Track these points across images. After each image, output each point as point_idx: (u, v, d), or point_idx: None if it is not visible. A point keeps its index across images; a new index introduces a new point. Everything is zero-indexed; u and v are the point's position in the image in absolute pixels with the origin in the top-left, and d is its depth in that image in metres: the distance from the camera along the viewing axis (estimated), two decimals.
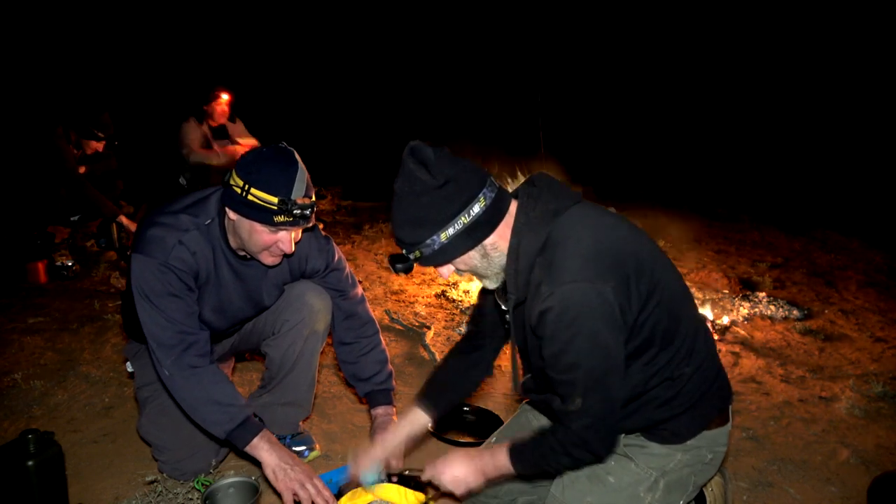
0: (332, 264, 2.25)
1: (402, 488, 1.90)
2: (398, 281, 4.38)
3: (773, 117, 9.07)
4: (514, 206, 1.53)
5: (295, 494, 1.88)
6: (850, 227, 6.02)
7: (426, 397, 1.93)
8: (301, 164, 1.87)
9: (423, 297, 4.11)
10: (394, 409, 2.28)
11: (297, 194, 1.83)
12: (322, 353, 2.38)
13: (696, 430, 1.63)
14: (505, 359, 2.70)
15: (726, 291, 4.34)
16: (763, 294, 4.24)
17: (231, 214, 1.91)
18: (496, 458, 1.63)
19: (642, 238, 1.56)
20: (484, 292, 1.83)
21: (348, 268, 2.32)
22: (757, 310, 4.01)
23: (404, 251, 1.50)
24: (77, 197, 4.44)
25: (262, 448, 1.92)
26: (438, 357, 3.24)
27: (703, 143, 8.46)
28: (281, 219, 1.83)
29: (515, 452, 1.60)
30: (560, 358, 1.45)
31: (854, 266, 5.03)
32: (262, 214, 1.83)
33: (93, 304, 3.85)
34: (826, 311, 4.05)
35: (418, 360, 3.28)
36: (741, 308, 4.02)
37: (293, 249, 1.95)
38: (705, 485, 1.79)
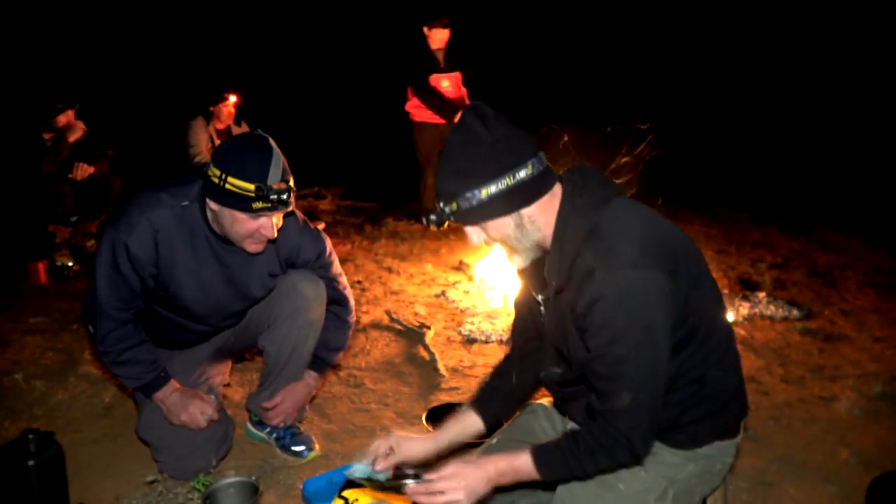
0: (324, 255, 2.30)
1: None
2: (398, 281, 4.38)
3: (772, 116, 9.07)
4: (558, 188, 1.50)
5: (191, 421, 2.14)
6: (850, 227, 6.01)
7: (479, 402, 1.79)
8: (276, 150, 1.91)
9: (423, 297, 4.11)
10: (321, 381, 2.52)
11: (274, 179, 1.86)
12: None
13: (713, 437, 1.60)
14: None
15: (726, 291, 4.33)
16: (763, 294, 4.23)
17: (212, 205, 1.94)
18: (515, 463, 1.52)
19: (684, 232, 1.56)
20: (521, 296, 1.77)
21: (335, 256, 2.38)
22: (757, 310, 4.01)
23: (441, 204, 1.47)
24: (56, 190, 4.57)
25: (157, 398, 2.16)
26: (438, 357, 3.24)
27: (703, 143, 8.46)
28: (259, 205, 1.86)
29: (541, 456, 1.51)
30: (610, 349, 1.39)
31: (854, 266, 5.02)
32: (240, 202, 1.87)
33: None
34: (826, 311, 4.05)
35: (418, 360, 3.28)
36: (741, 308, 4.02)
37: (276, 235, 1.99)
38: (709, 496, 1.76)
